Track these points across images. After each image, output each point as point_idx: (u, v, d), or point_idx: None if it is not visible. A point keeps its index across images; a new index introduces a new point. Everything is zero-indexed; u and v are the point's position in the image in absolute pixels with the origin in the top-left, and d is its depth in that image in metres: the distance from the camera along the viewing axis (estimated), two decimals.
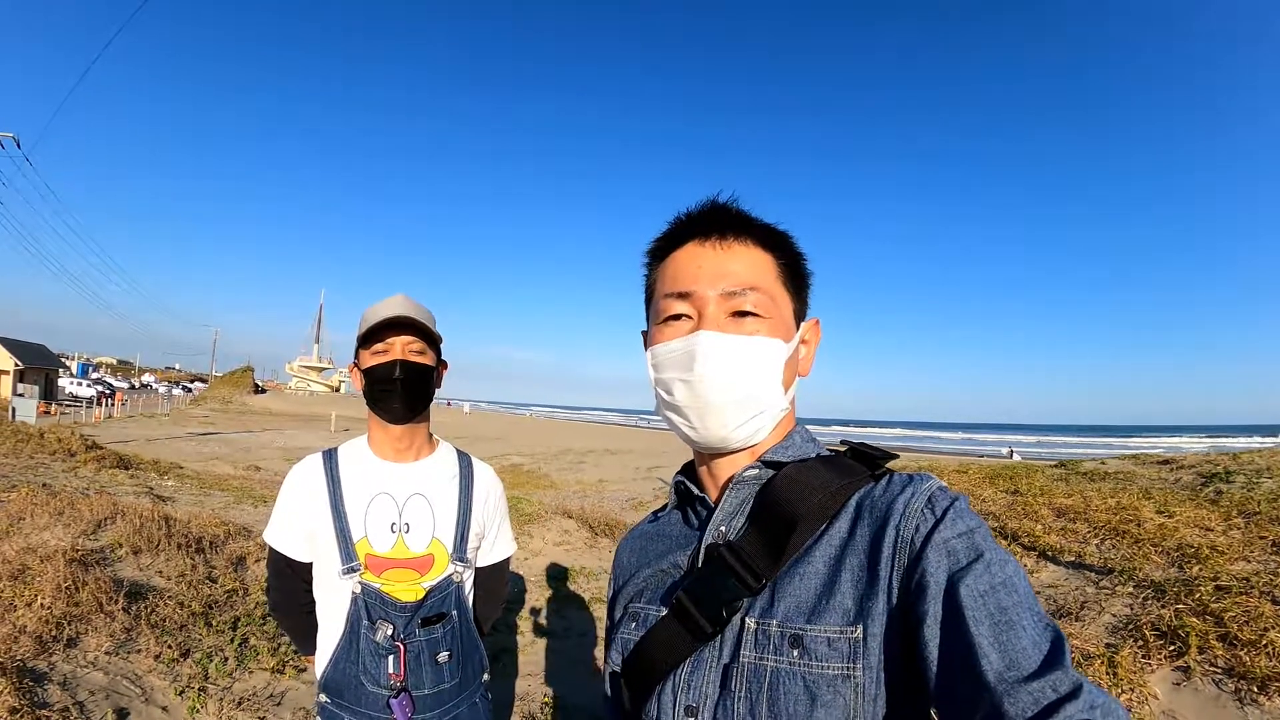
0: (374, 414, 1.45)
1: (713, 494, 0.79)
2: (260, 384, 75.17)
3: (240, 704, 2.85)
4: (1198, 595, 3.21)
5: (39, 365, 39.76)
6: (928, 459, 13.40)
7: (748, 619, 0.66)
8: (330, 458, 1.46)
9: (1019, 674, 0.51)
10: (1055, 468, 7.50)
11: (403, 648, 1.36)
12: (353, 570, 1.37)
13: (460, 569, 1.46)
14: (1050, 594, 3.75)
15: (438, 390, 1.50)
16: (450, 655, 1.42)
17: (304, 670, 3.17)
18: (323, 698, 1.42)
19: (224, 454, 16.89)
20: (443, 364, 1.52)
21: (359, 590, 1.36)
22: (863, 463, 0.72)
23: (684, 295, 0.74)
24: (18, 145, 19.25)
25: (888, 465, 0.73)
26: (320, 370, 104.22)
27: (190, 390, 67.31)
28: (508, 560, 1.66)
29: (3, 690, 2.39)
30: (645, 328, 0.83)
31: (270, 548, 1.48)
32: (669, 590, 0.75)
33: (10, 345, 37.33)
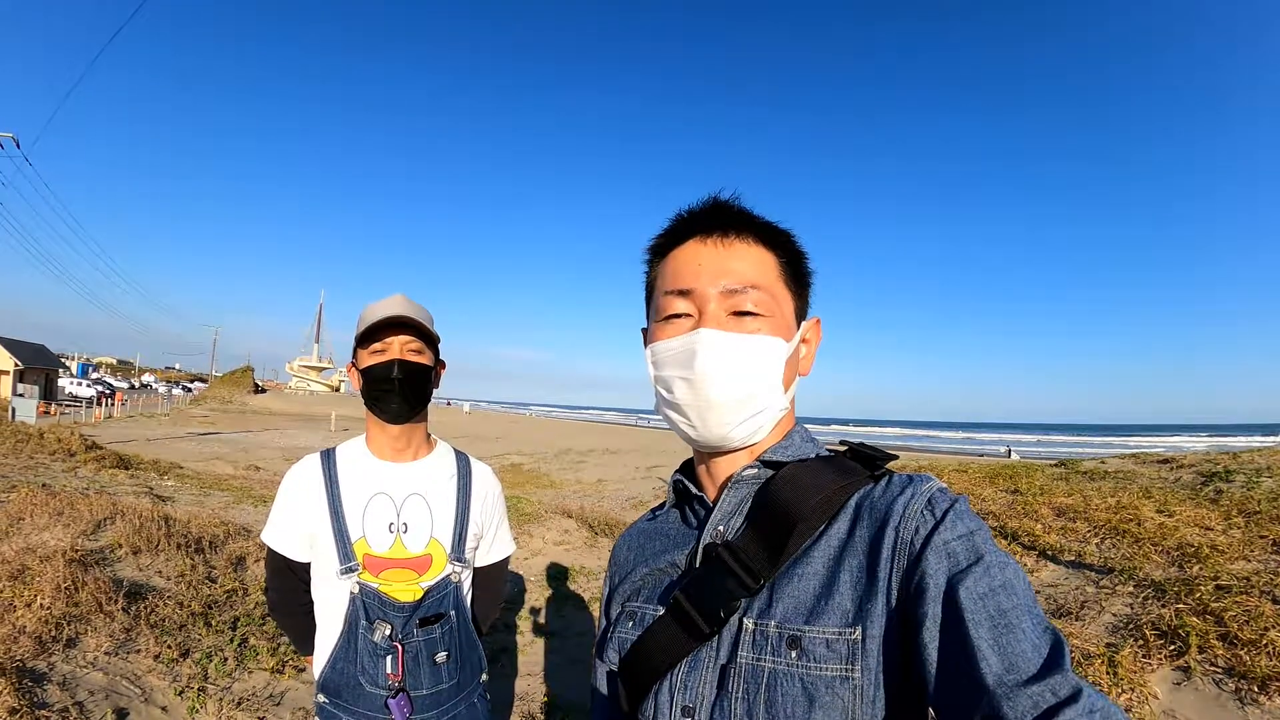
0: (372, 414, 1.45)
1: (711, 493, 0.78)
2: (260, 384, 75.20)
3: (240, 704, 2.85)
4: (1198, 595, 3.21)
5: (39, 365, 39.77)
6: (927, 459, 13.39)
7: (745, 619, 0.66)
8: (328, 458, 1.46)
9: (1018, 677, 0.50)
10: (1055, 467, 7.49)
11: (400, 648, 1.36)
12: (351, 570, 1.37)
13: (458, 569, 1.45)
14: (1050, 593, 3.75)
15: (436, 390, 1.50)
16: (448, 655, 1.42)
17: (303, 670, 3.17)
18: (321, 698, 1.42)
19: (224, 454, 16.88)
20: (441, 364, 1.51)
21: (357, 590, 1.36)
22: (862, 463, 0.72)
23: (685, 293, 0.73)
24: (17, 145, 19.25)
25: (887, 466, 0.72)
26: (320, 370, 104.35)
27: (190, 390, 67.28)
28: (506, 560, 1.66)
29: (2, 690, 2.39)
30: (645, 325, 0.82)
31: (269, 548, 1.48)
32: (667, 590, 0.75)
33: (10, 345, 37.33)
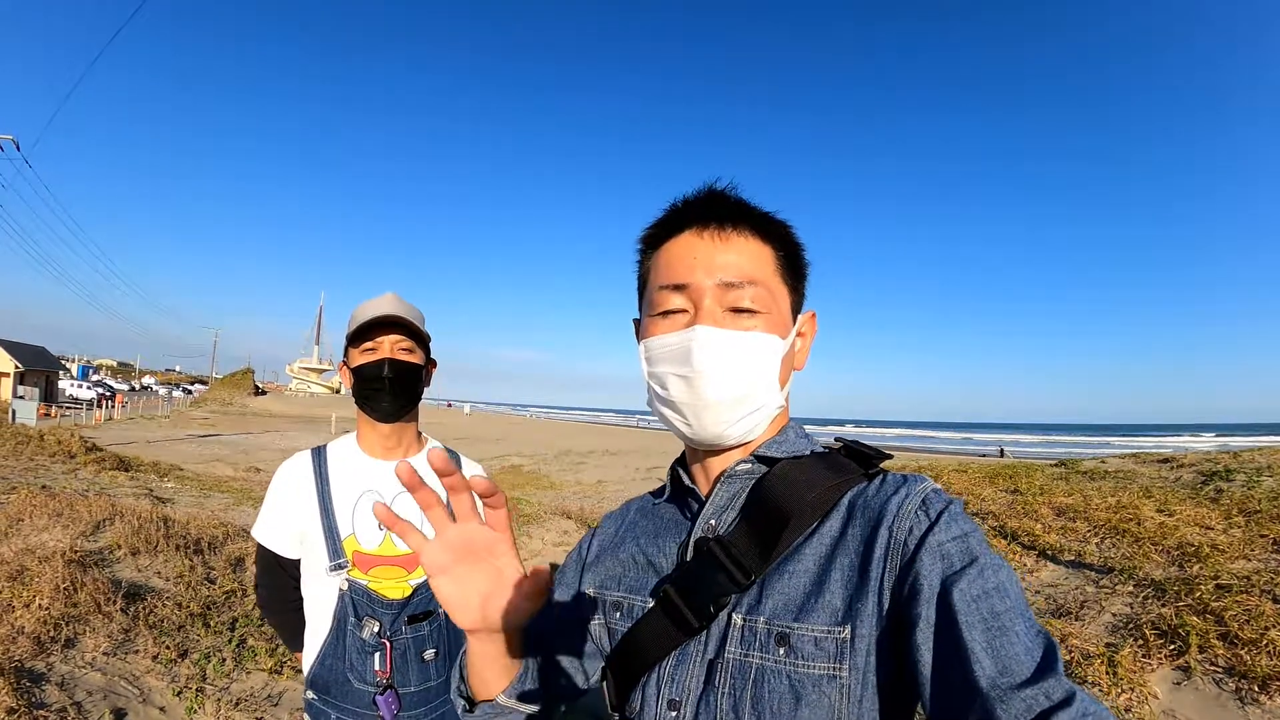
0: (363, 412, 1.45)
1: (704, 488, 0.77)
2: (260, 386, 75.29)
3: (238, 704, 2.85)
4: (1198, 594, 3.20)
5: (39, 368, 39.82)
6: (927, 459, 13.38)
7: (734, 615, 0.66)
8: (319, 455, 1.47)
9: (1012, 680, 0.50)
10: (1055, 467, 7.47)
11: (389, 645, 1.36)
12: (340, 567, 1.37)
13: None
14: (1050, 593, 3.74)
15: (427, 389, 1.50)
16: (437, 653, 1.42)
17: (301, 671, 3.17)
18: (310, 694, 1.43)
19: (224, 456, 16.89)
20: (431, 363, 1.51)
21: (346, 587, 1.37)
22: (857, 460, 0.71)
23: (680, 287, 0.71)
24: (17, 148, 19.30)
25: (882, 465, 0.72)
26: (320, 372, 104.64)
27: (190, 392, 67.34)
28: None
29: (1, 690, 2.39)
30: (637, 316, 0.81)
31: (259, 544, 1.49)
32: (657, 583, 0.74)
33: (10, 348, 37.38)
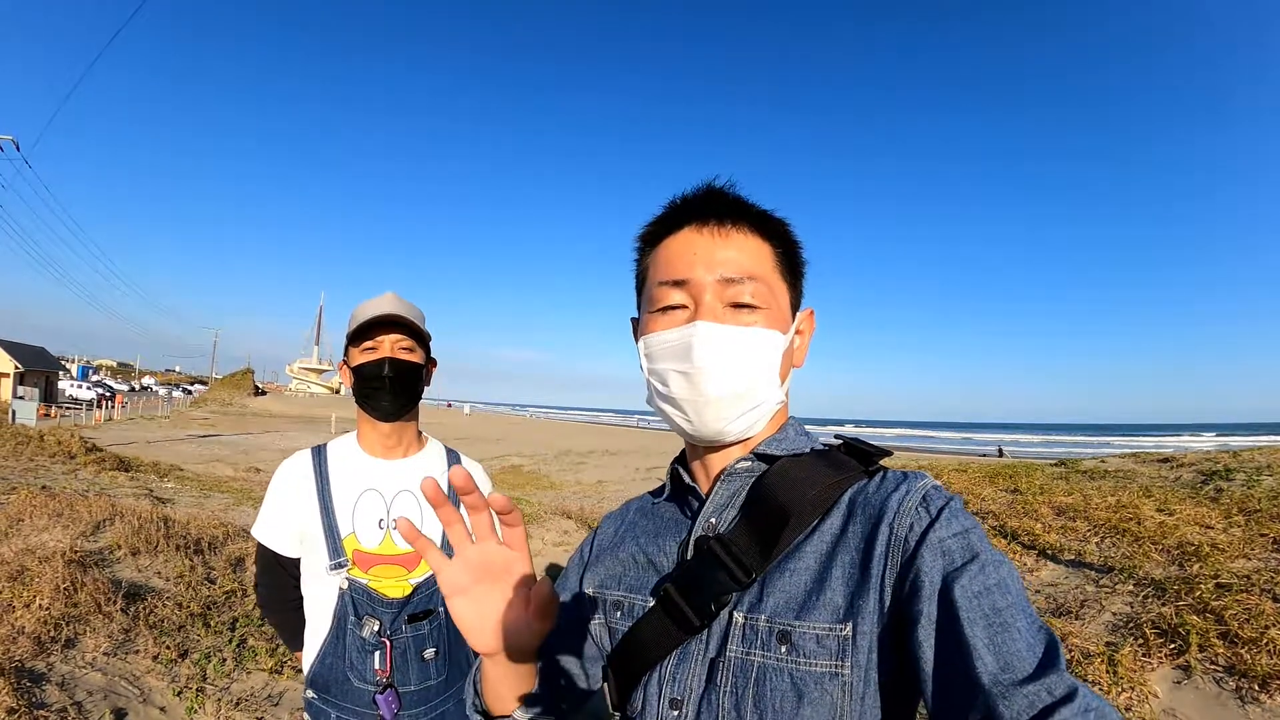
0: (363, 411, 1.45)
1: (704, 486, 0.77)
2: (260, 386, 75.27)
3: (238, 704, 2.85)
4: (1198, 593, 3.20)
5: (39, 368, 39.82)
6: (927, 459, 13.38)
7: (736, 613, 0.65)
8: (319, 454, 1.47)
9: (1014, 676, 0.50)
10: (1055, 466, 7.47)
11: (389, 644, 1.36)
12: (340, 566, 1.37)
13: None
14: (1050, 592, 3.74)
15: (427, 388, 1.50)
16: (437, 652, 1.42)
17: (301, 670, 3.17)
18: (310, 693, 1.43)
19: (224, 456, 16.89)
20: (432, 362, 1.51)
21: (346, 586, 1.37)
22: (856, 458, 0.71)
23: (680, 283, 0.71)
24: (17, 148, 19.30)
25: (881, 462, 0.72)
26: (320, 372, 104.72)
27: (190, 392, 67.34)
28: None
29: (1, 690, 2.39)
30: (635, 314, 0.80)
31: (259, 543, 1.49)
32: (658, 582, 0.74)
33: (10, 348, 37.38)
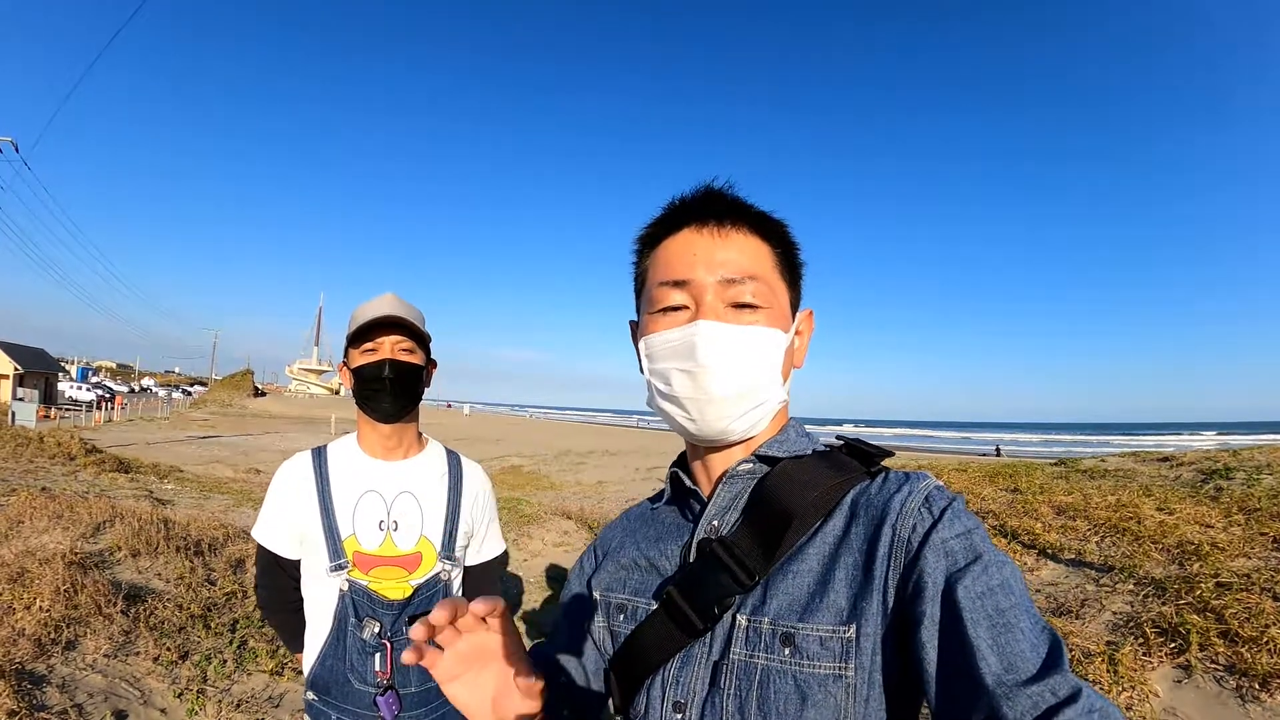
0: (363, 413, 1.45)
1: (705, 488, 0.77)
2: (260, 387, 75.21)
3: (239, 706, 2.85)
4: (1198, 592, 3.20)
5: (39, 369, 39.82)
6: (927, 458, 13.38)
7: (739, 616, 0.65)
8: (319, 455, 1.47)
9: (1017, 677, 0.50)
10: (1055, 465, 7.47)
11: (389, 645, 1.36)
12: (340, 568, 1.37)
13: (448, 567, 1.45)
14: (1050, 592, 3.74)
15: (427, 389, 1.50)
16: None
17: (301, 672, 3.17)
18: (310, 695, 1.42)
19: (224, 457, 16.88)
20: (432, 363, 1.51)
21: (346, 588, 1.36)
22: (858, 459, 0.71)
23: (680, 284, 0.71)
24: (16, 150, 19.29)
25: (883, 463, 0.72)
26: (320, 373, 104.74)
27: (190, 394, 67.30)
28: (497, 560, 1.66)
29: (1, 693, 2.39)
30: (634, 318, 0.80)
31: (259, 545, 1.48)
32: (660, 585, 0.74)
33: (10, 350, 37.37)
